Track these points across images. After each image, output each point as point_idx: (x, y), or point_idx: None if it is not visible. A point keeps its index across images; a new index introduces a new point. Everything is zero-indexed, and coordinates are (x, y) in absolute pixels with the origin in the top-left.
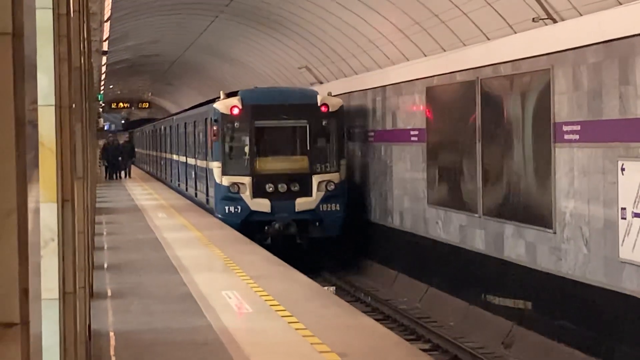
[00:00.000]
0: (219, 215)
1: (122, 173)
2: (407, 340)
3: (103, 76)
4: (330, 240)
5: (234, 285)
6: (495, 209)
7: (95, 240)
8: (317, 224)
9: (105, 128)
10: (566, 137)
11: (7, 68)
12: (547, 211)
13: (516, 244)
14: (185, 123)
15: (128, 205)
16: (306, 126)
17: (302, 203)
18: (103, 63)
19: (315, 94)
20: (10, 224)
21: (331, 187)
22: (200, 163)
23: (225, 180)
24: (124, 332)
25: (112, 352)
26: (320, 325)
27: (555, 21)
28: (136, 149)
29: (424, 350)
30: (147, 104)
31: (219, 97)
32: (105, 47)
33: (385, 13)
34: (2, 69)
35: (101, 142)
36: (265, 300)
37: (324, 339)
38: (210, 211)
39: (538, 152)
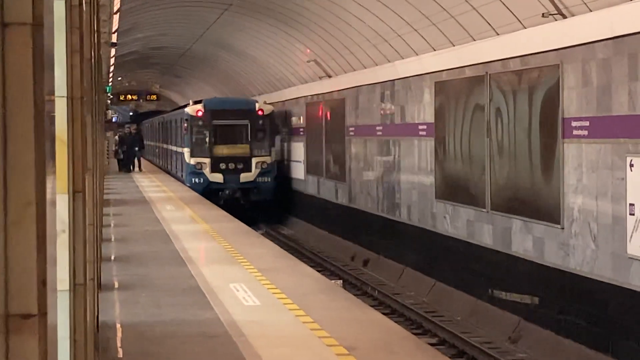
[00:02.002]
0: (188, 184)
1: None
2: (415, 334)
3: (112, 68)
4: (264, 202)
5: (242, 278)
6: (504, 204)
7: (103, 232)
8: (255, 191)
9: (114, 120)
10: (575, 132)
11: (27, 58)
12: (555, 206)
13: (524, 239)
14: (170, 120)
15: (135, 197)
16: (248, 124)
17: (245, 176)
18: (112, 55)
19: (254, 102)
20: (29, 215)
21: (265, 166)
22: (177, 149)
23: (192, 161)
24: (132, 324)
25: (119, 344)
26: (328, 318)
27: (564, 17)
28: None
29: (431, 344)
30: (156, 96)
31: (189, 104)
32: (114, 39)
33: (395, 7)
34: (23, 59)
35: (109, 134)
36: (273, 293)
37: (332, 332)
38: (183, 182)
39: (546, 147)
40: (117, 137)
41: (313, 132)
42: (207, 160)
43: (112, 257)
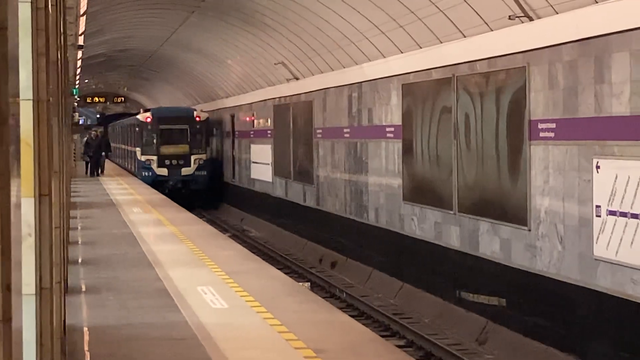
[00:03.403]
0: (139, 177)
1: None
2: (383, 336)
3: (79, 70)
4: (201, 192)
5: (210, 281)
6: (471, 206)
7: (69, 235)
8: (194, 182)
9: (80, 122)
10: (541, 134)
11: None
12: (522, 208)
13: (491, 241)
14: (126, 125)
15: (103, 200)
16: (187, 128)
17: (185, 171)
18: (79, 57)
19: (193, 110)
20: None
21: (201, 162)
22: (131, 149)
23: (143, 158)
24: (99, 327)
25: (86, 348)
26: (296, 321)
27: (531, 19)
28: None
29: (399, 346)
30: (123, 98)
31: (140, 111)
32: (81, 41)
33: (362, 9)
34: None
35: (76, 137)
36: (241, 296)
37: (300, 334)
38: (135, 175)
39: (513, 149)
40: (84, 139)
41: (281, 134)
42: (154, 158)
43: (79, 260)
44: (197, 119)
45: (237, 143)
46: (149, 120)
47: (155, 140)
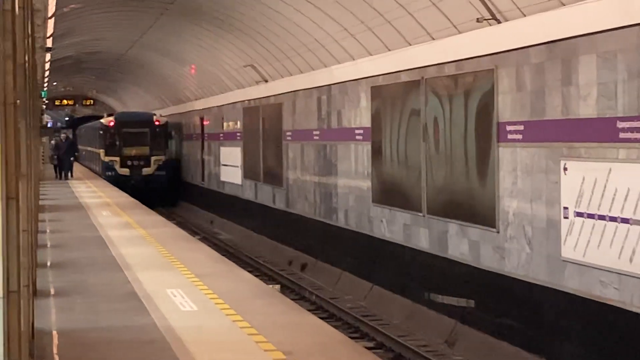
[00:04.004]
0: (103, 177)
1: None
2: (352, 338)
3: (47, 73)
4: (161, 190)
5: (179, 284)
6: (440, 208)
7: (38, 238)
8: (153, 182)
9: (49, 125)
10: (509, 136)
11: None
12: (490, 210)
13: (460, 243)
14: (92, 128)
15: (72, 203)
16: (148, 131)
17: (145, 171)
18: (47, 60)
19: (153, 114)
20: None
21: (160, 163)
22: (96, 150)
23: (106, 159)
24: (68, 330)
25: (55, 351)
26: (265, 323)
27: (499, 22)
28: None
29: (369, 348)
30: (92, 101)
31: (104, 116)
32: (49, 43)
33: (331, 12)
34: None
35: (44, 139)
36: (210, 298)
37: (269, 337)
38: (100, 175)
39: (482, 151)
40: (52, 142)
41: (250, 136)
42: (117, 159)
43: (48, 264)
44: (157, 123)
45: (206, 145)
46: (112, 124)
47: (117, 143)
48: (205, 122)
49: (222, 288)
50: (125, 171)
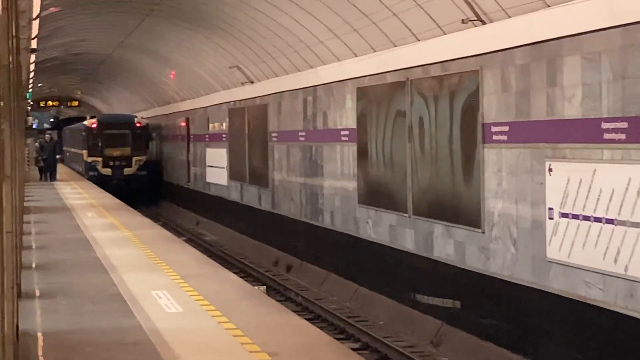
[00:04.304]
0: (86, 177)
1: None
2: (338, 339)
3: (32, 74)
4: (142, 190)
5: (165, 285)
6: (425, 209)
7: (23, 240)
8: (135, 181)
9: (34, 127)
10: (495, 137)
11: None
12: (475, 211)
13: (445, 244)
14: (76, 129)
15: (57, 205)
16: (129, 133)
17: (127, 170)
18: (32, 61)
19: (134, 116)
20: None
21: (141, 163)
22: (79, 151)
23: (89, 159)
24: (53, 332)
25: (40, 353)
26: (251, 324)
27: (484, 23)
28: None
29: (354, 349)
30: (77, 102)
31: (87, 118)
32: (34, 45)
33: (317, 13)
34: None
35: (29, 141)
36: (196, 300)
37: (255, 338)
38: (83, 175)
39: (467, 152)
40: (37, 143)
41: (236, 138)
42: (99, 159)
43: (33, 265)
44: (138, 124)
45: (192, 147)
46: (94, 126)
47: (100, 144)
48: (191, 124)
49: (208, 289)
50: (107, 171)
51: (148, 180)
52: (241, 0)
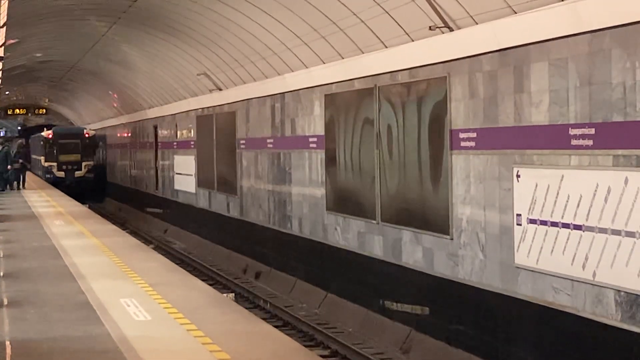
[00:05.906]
0: (44, 179)
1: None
2: (307, 346)
3: None
4: (90, 190)
5: (133, 293)
6: (394, 216)
7: None
8: (83, 182)
9: (1, 135)
10: (462, 144)
11: None
12: (444, 217)
13: (414, 250)
14: (37, 139)
15: (24, 213)
16: (79, 142)
17: (77, 173)
18: None
19: (83, 128)
20: None
21: (89, 167)
22: (39, 158)
23: (46, 164)
24: (21, 340)
25: None
26: (220, 332)
27: (451, 29)
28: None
29: (323, 356)
30: (45, 110)
31: (44, 129)
32: (0, 53)
33: (284, 20)
34: None
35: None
36: (164, 307)
37: (223, 345)
38: (41, 177)
39: (435, 159)
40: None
41: (204, 145)
42: (55, 164)
43: (1, 274)
44: (87, 135)
45: (160, 154)
46: (50, 136)
47: (55, 151)
48: (158, 131)
49: (176, 297)
50: (61, 174)
51: (95, 181)
52: (208, 8)
